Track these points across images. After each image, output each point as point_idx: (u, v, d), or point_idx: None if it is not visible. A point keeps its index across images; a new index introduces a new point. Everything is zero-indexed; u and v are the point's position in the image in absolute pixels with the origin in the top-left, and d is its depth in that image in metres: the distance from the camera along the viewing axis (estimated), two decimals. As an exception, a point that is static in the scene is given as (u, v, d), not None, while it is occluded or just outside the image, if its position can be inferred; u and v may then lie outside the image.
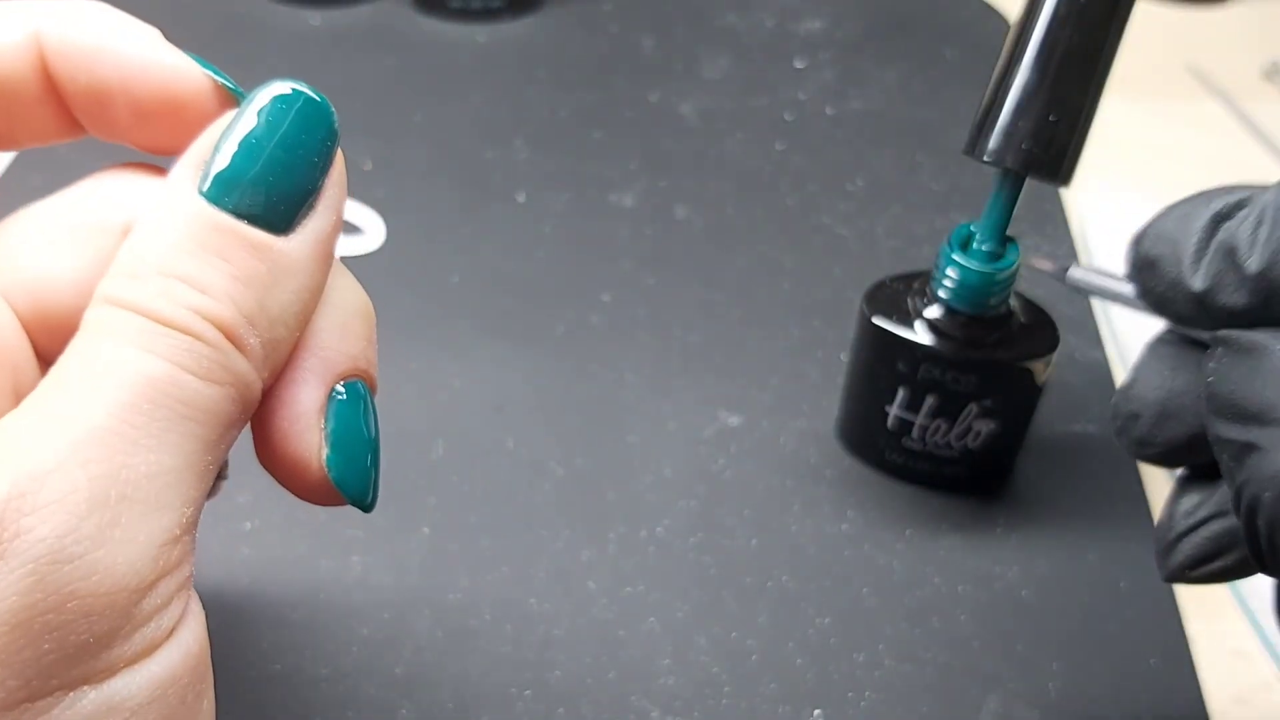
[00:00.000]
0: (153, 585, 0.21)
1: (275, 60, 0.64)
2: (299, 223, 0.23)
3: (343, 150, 0.25)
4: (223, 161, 0.23)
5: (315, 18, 0.67)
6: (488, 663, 0.37)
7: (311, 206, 0.23)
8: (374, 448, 0.25)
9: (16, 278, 0.24)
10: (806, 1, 0.73)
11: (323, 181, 0.24)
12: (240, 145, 0.23)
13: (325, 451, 0.24)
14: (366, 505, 0.26)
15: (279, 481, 0.25)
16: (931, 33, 0.70)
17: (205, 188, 0.22)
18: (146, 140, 0.25)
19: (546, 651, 0.37)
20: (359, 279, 0.26)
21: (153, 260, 0.22)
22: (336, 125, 0.24)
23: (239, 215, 0.22)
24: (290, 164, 0.23)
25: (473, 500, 0.41)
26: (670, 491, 0.42)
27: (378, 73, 0.63)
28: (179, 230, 0.22)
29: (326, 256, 0.24)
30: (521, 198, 0.55)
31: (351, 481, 0.25)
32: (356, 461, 0.25)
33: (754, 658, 0.37)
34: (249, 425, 0.24)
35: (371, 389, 0.26)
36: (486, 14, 0.67)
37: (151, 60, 0.24)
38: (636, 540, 0.40)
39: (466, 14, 0.67)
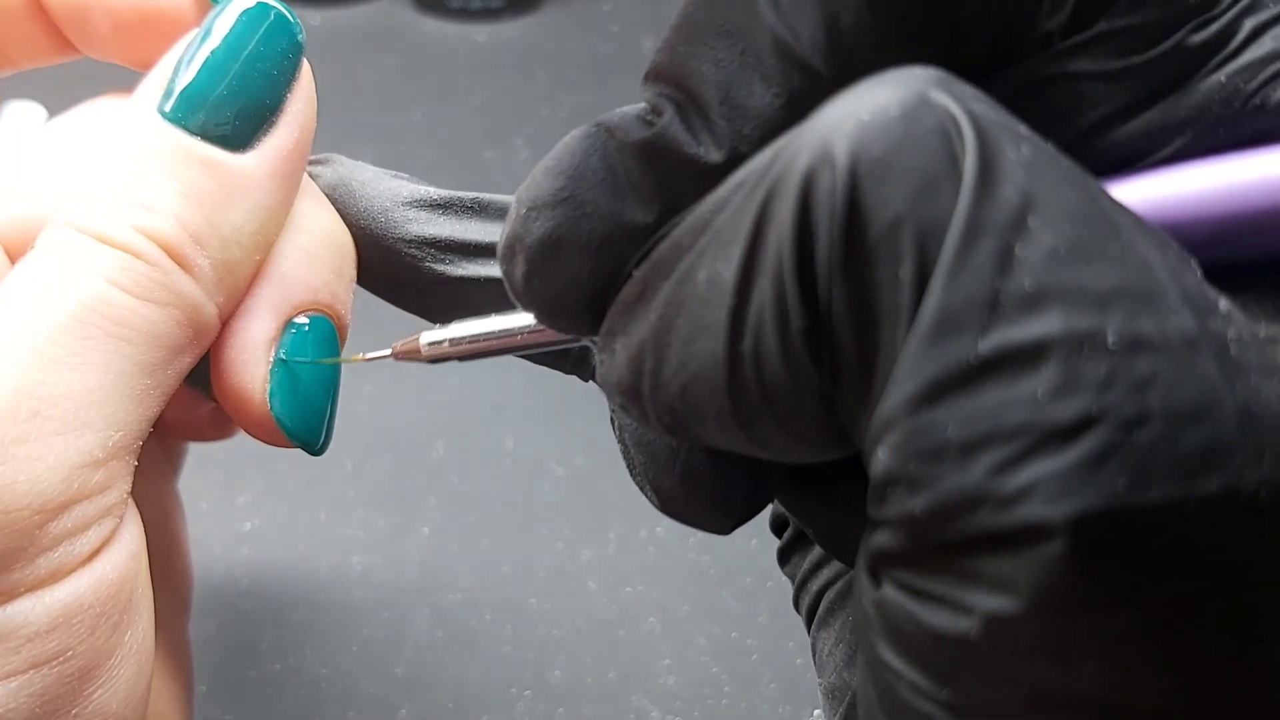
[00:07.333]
0: (64, 508, 0.20)
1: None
2: (258, 139, 0.23)
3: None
4: (182, 79, 0.22)
5: (315, 18, 0.67)
6: (488, 663, 0.37)
7: (272, 123, 0.23)
8: (328, 388, 0.24)
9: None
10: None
11: (285, 97, 0.23)
12: (198, 62, 0.22)
13: (270, 385, 0.23)
14: (315, 448, 0.24)
15: (230, 415, 0.24)
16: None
17: (165, 106, 0.22)
18: (130, 54, 0.25)
19: (546, 651, 0.37)
20: (360, 279, 0.26)
21: (103, 179, 0.22)
22: (301, 39, 0.23)
23: (194, 132, 0.22)
24: (249, 79, 0.22)
25: (473, 500, 0.41)
26: (670, 491, 0.42)
27: (378, 73, 0.63)
28: (131, 149, 0.22)
29: (287, 175, 0.23)
30: (521, 198, 0.55)
31: (296, 419, 0.24)
32: (305, 399, 0.24)
33: (754, 658, 0.37)
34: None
35: (338, 327, 0.24)
36: (486, 14, 0.67)
37: None
38: (636, 540, 0.40)
39: (466, 14, 0.67)
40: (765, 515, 0.43)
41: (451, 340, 0.24)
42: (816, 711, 0.36)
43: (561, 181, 0.18)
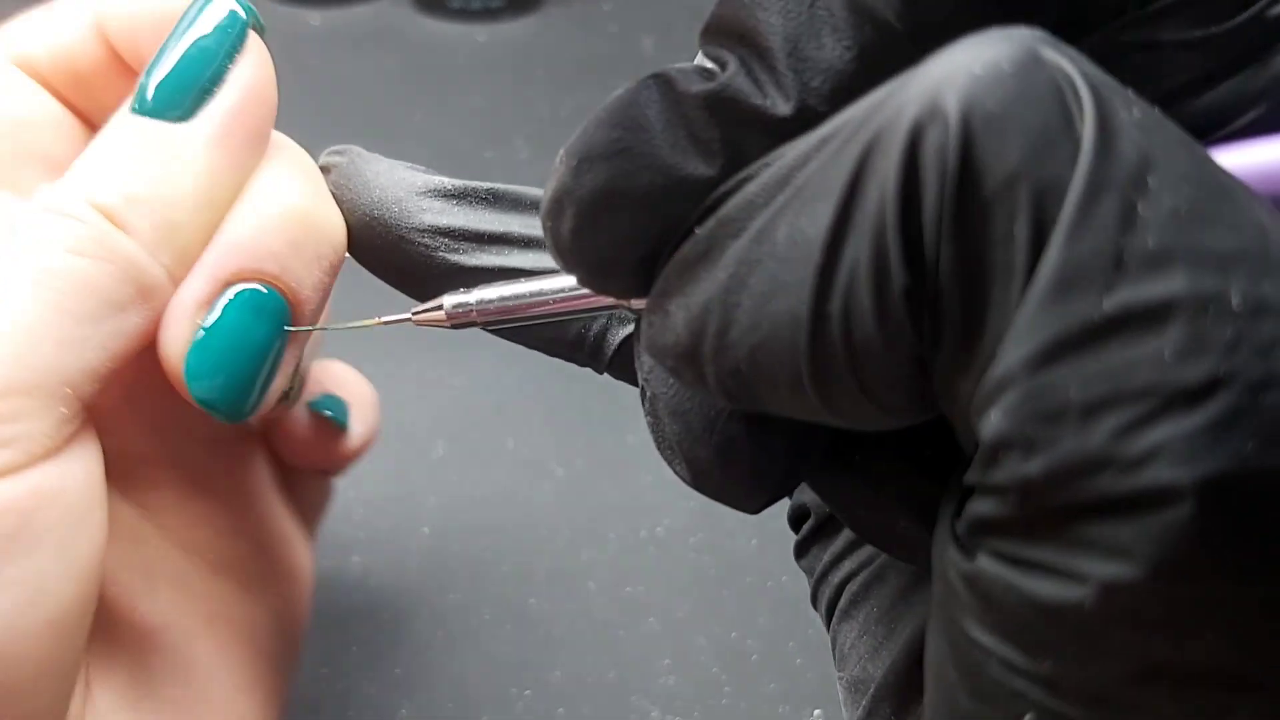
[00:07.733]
0: None
1: (274, 60, 0.63)
2: (199, 107, 0.24)
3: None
4: (154, 73, 0.24)
5: (315, 18, 0.67)
6: (488, 663, 0.37)
7: (211, 91, 0.24)
8: (258, 359, 0.24)
9: None
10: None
11: (226, 66, 0.24)
12: (158, 51, 0.24)
13: (190, 348, 0.23)
14: (225, 414, 0.24)
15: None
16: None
17: (133, 100, 0.24)
18: None
19: (546, 651, 0.37)
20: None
21: (74, 166, 0.24)
22: (240, 10, 0.25)
23: (144, 112, 0.24)
24: (186, 53, 0.24)
25: (473, 500, 0.41)
26: (670, 491, 0.42)
27: (378, 73, 0.63)
28: (102, 140, 0.24)
29: (227, 137, 0.24)
30: (521, 198, 0.55)
31: (208, 385, 0.23)
32: (227, 368, 0.23)
33: (754, 658, 0.37)
34: None
35: (292, 302, 0.24)
36: (486, 14, 0.67)
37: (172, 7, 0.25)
38: (636, 540, 0.40)
39: (466, 14, 0.67)
40: (769, 515, 0.43)
41: (479, 303, 0.23)
42: (817, 711, 0.36)
43: (618, 133, 0.18)
